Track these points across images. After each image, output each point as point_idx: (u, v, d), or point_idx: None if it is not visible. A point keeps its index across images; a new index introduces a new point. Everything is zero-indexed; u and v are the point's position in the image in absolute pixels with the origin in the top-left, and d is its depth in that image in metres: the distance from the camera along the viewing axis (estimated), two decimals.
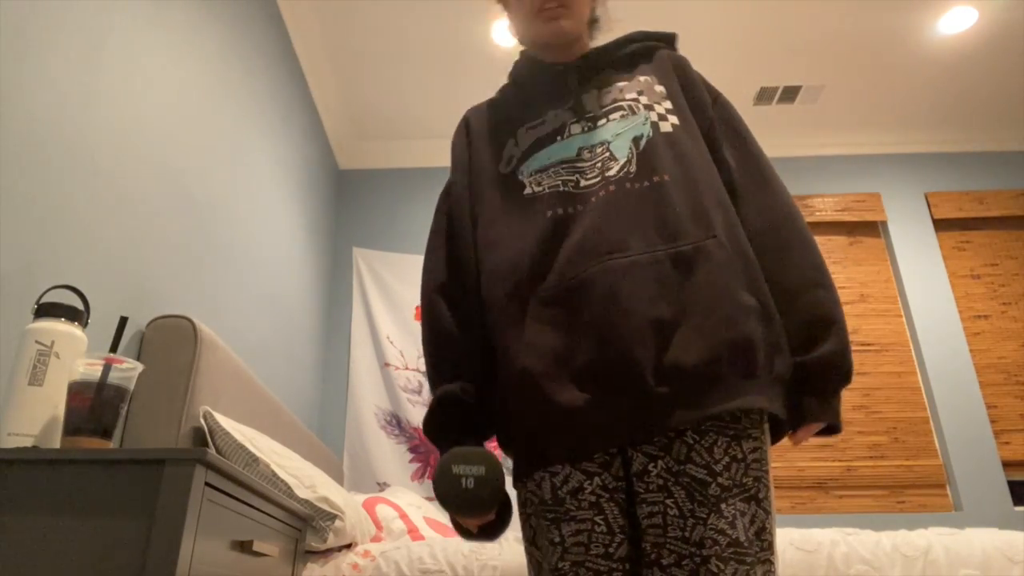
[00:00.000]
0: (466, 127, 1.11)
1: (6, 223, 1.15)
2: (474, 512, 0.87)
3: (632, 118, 0.96)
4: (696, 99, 1.03)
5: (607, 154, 0.93)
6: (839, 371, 0.87)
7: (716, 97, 1.05)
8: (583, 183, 0.92)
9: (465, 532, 0.94)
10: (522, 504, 0.92)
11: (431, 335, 1.00)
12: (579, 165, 0.94)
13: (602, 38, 1.13)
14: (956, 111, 3.56)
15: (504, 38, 3.04)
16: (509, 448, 0.95)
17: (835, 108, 3.52)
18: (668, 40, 1.10)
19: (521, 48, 1.15)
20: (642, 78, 1.02)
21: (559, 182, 0.94)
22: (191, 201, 1.86)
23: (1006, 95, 3.45)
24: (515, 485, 0.94)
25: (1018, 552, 1.46)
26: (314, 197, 3.17)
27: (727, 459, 0.81)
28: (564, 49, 1.08)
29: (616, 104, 0.98)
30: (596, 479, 0.85)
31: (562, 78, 1.04)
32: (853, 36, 3.07)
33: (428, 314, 1.02)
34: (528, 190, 0.96)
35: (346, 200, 3.64)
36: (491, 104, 1.12)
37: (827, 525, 2.99)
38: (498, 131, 1.05)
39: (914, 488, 3.10)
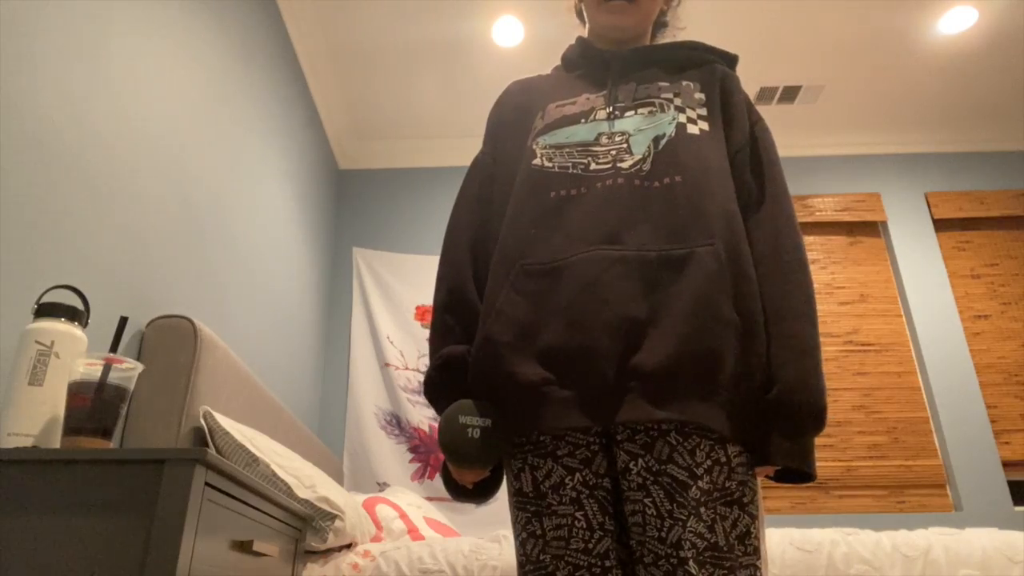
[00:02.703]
0: (504, 99, 1.12)
1: (6, 223, 1.15)
2: (476, 463, 0.87)
3: (659, 115, 0.96)
4: (734, 116, 1.00)
5: (624, 145, 0.94)
6: (812, 405, 0.82)
7: (756, 121, 1.02)
8: (593, 167, 0.93)
9: (457, 489, 0.94)
10: (508, 487, 0.93)
11: (448, 297, 0.98)
12: (594, 149, 0.94)
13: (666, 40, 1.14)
14: (956, 111, 3.56)
15: (504, 38, 3.04)
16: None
17: (835, 108, 3.52)
18: (728, 59, 1.08)
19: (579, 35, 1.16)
20: (685, 82, 1.01)
21: (570, 163, 0.94)
22: (191, 201, 1.86)
23: (1006, 95, 3.45)
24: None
25: (1018, 552, 1.46)
26: (314, 197, 3.17)
27: (709, 462, 0.80)
28: (621, 43, 1.09)
29: (648, 99, 0.98)
30: (577, 475, 0.85)
31: (606, 65, 1.05)
32: (853, 36, 3.07)
33: (447, 275, 1.00)
34: (537, 161, 0.97)
35: (346, 200, 3.64)
36: (536, 79, 1.13)
37: (827, 525, 2.99)
38: (532, 104, 1.06)
39: (914, 488, 3.10)
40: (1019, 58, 3.21)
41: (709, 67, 1.05)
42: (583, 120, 0.98)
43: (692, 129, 0.95)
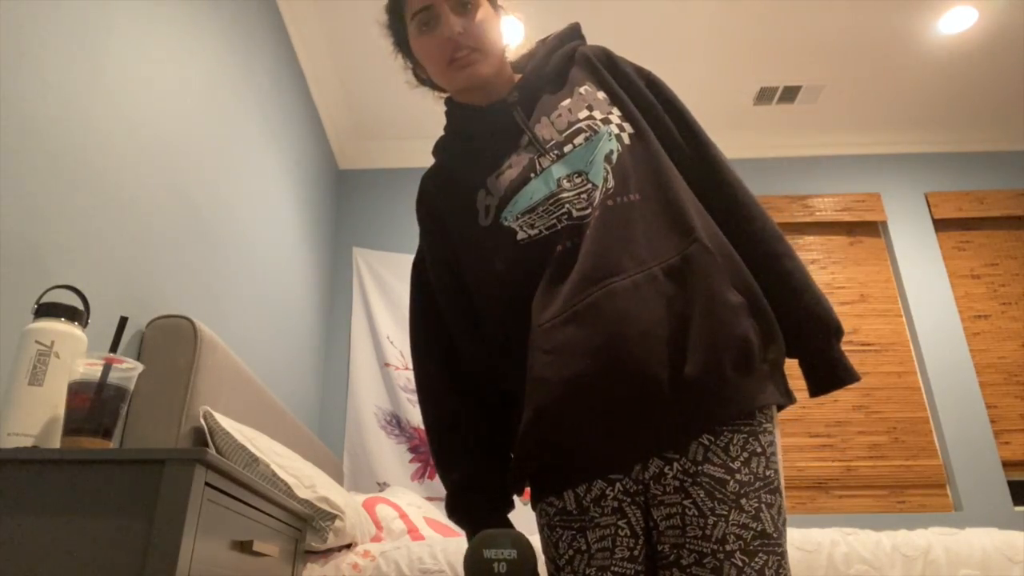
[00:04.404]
0: (427, 194, 1.07)
1: (6, 223, 1.15)
2: None
3: (595, 138, 0.95)
4: (636, 93, 1.02)
5: (588, 185, 0.92)
6: (827, 328, 0.91)
7: (647, 80, 1.04)
8: (576, 213, 0.91)
9: None
10: (540, 516, 0.92)
11: (430, 419, 1.01)
12: (563, 196, 0.92)
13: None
14: (956, 111, 3.56)
15: (503, 38, 3.04)
16: (527, 480, 0.94)
17: (835, 108, 3.52)
18: (577, 34, 1.09)
19: (445, 95, 1.10)
20: (581, 89, 1.00)
21: (554, 220, 0.92)
22: (191, 201, 1.86)
23: (1006, 95, 3.45)
24: (534, 505, 0.94)
25: (1018, 552, 1.46)
26: (314, 197, 3.17)
27: (746, 455, 0.82)
28: (490, 88, 1.03)
29: (575, 128, 0.96)
30: (618, 484, 0.86)
31: (507, 118, 1.01)
32: (853, 36, 3.07)
33: (424, 397, 1.02)
34: (522, 235, 0.93)
35: (346, 200, 3.64)
36: (444, 163, 1.08)
37: (827, 525, 2.99)
38: (463, 187, 1.01)
39: (914, 488, 3.10)
40: (1019, 58, 3.21)
41: (580, 55, 1.05)
42: (532, 175, 0.95)
43: (625, 139, 0.96)
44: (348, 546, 1.67)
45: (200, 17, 1.97)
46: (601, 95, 1.00)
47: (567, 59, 1.05)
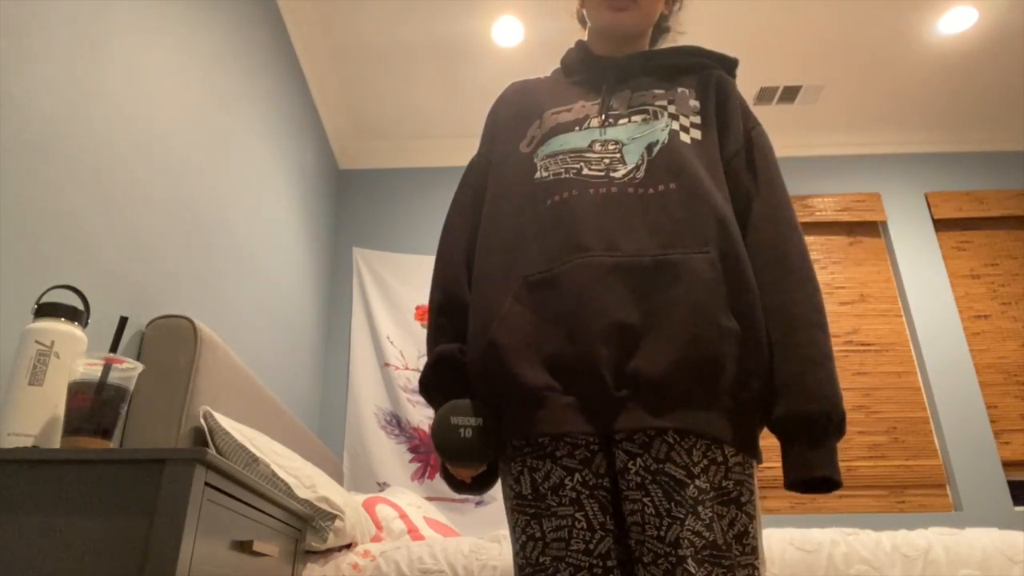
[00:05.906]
0: (503, 100, 1.13)
1: (6, 223, 1.15)
2: (470, 462, 0.89)
3: (652, 123, 0.96)
4: (729, 122, 0.99)
5: (617, 155, 0.94)
6: (830, 419, 0.82)
7: (753, 127, 1.01)
8: (585, 172, 0.94)
9: (456, 484, 0.96)
10: (505, 499, 0.93)
11: (443, 298, 1.02)
12: (586, 155, 0.95)
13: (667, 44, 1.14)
14: (956, 111, 3.56)
15: (504, 38, 3.04)
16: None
17: (835, 108, 3.52)
18: (726, 64, 1.07)
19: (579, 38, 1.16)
20: (680, 90, 1.01)
21: (563, 169, 0.95)
22: (191, 201, 1.86)
23: (1006, 95, 3.45)
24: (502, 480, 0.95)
25: (1018, 552, 1.46)
26: (314, 197, 3.17)
27: (706, 462, 0.81)
28: (620, 44, 1.08)
29: (641, 107, 0.98)
30: (577, 475, 0.85)
31: (601, 72, 1.05)
32: (853, 36, 3.07)
33: (443, 276, 1.04)
34: (538, 174, 0.98)
35: (346, 200, 3.64)
36: (534, 82, 1.13)
37: (827, 525, 2.99)
38: (529, 110, 1.07)
39: (914, 488, 3.10)
40: (1019, 58, 3.21)
41: (705, 72, 1.04)
42: (577, 128, 0.99)
43: (684, 138, 0.95)
44: (348, 546, 1.67)
45: (200, 18, 1.97)
46: (693, 103, 1.00)
47: (695, 68, 1.05)
